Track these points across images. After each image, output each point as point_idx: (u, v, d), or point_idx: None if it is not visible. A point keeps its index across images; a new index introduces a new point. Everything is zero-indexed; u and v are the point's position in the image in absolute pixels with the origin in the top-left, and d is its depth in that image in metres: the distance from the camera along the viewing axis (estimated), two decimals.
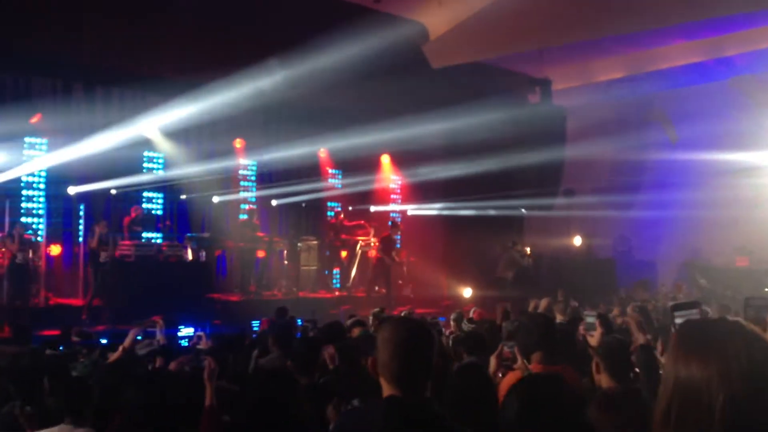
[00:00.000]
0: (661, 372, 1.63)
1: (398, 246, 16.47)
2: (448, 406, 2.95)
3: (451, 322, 8.23)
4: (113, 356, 4.11)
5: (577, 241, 17.66)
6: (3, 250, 11.47)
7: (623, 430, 2.46)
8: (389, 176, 18.06)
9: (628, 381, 3.69)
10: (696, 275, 16.04)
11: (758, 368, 1.50)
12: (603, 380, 3.75)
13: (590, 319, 5.42)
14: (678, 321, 2.28)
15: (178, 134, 13.82)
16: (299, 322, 9.69)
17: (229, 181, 15.58)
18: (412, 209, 17.98)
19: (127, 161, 13.60)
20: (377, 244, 15.40)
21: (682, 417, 1.53)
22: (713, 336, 1.57)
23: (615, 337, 4.04)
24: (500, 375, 4.19)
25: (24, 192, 13.05)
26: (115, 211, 13.62)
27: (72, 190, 13.07)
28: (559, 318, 7.58)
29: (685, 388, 1.54)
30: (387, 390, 2.15)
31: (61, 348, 6.79)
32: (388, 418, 2.10)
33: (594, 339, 4.90)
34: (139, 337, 6.24)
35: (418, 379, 2.15)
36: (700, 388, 1.51)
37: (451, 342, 6.25)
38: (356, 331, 6.38)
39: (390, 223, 15.91)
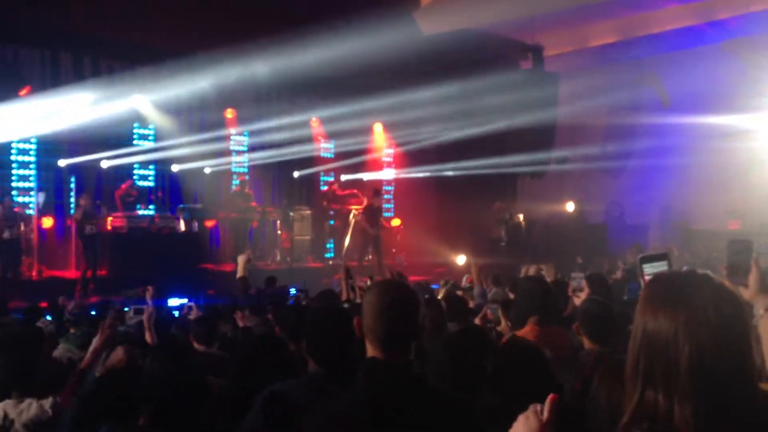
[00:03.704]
0: None
1: (386, 215, 16.46)
2: (438, 371, 2.98)
3: (441, 291, 8.22)
4: (99, 339, 4.04)
5: (570, 206, 17.68)
6: None
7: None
8: (382, 144, 18.00)
9: (608, 343, 3.71)
10: (689, 238, 16.10)
11: (725, 320, 1.53)
12: (585, 342, 3.79)
13: (575, 283, 5.48)
14: (646, 271, 2.27)
15: (168, 105, 13.72)
16: (292, 291, 9.72)
17: (221, 151, 15.51)
18: (405, 177, 17.95)
19: (117, 133, 13.54)
20: (360, 213, 15.32)
21: (649, 368, 1.56)
22: (681, 288, 1.59)
23: (594, 300, 4.06)
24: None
25: (14, 164, 12.98)
26: (106, 183, 13.59)
27: (63, 162, 13.01)
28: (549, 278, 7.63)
29: (652, 339, 1.57)
30: (370, 351, 2.19)
31: (49, 318, 6.82)
32: (367, 379, 2.13)
33: (579, 300, 4.94)
34: (126, 309, 6.28)
35: (402, 341, 2.18)
36: (667, 339, 1.54)
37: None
38: None
39: (374, 191, 15.72)
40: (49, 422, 3.51)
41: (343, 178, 17.20)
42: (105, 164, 13.48)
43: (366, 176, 17.53)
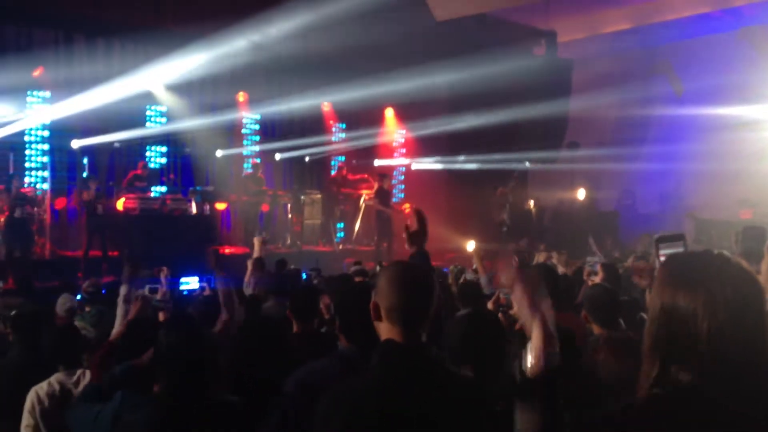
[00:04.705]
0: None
1: (395, 199, 16.45)
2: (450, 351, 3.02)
3: (450, 276, 8.16)
4: (133, 311, 4.27)
5: (581, 194, 17.64)
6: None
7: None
8: (393, 130, 17.99)
9: (616, 327, 3.77)
10: (702, 226, 16.04)
11: (743, 299, 1.54)
12: (594, 328, 3.84)
13: (590, 267, 5.51)
14: (662, 252, 2.27)
15: (180, 87, 13.76)
16: (303, 275, 9.76)
17: (233, 134, 15.54)
18: (417, 163, 17.95)
19: (129, 114, 13.58)
20: (373, 197, 15.27)
21: (669, 344, 1.58)
22: (699, 268, 1.61)
23: (599, 285, 4.10)
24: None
25: (28, 145, 13.06)
26: (119, 164, 13.66)
27: (75, 143, 13.07)
28: (561, 270, 7.63)
29: (672, 317, 1.58)
30: (385, 333, 2.19)
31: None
32: (384, 361, 2.14)
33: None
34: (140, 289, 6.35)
35: (419, 319, 2.18)
36: (686, 317, 1.55)
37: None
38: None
39: (379, 175, 15.59)
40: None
41: (354, 162, 17.21)
42: (117, 145, 13.53)
43: (377, 161, 17.52)
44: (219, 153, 15.04)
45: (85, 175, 12.61)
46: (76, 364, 3.97)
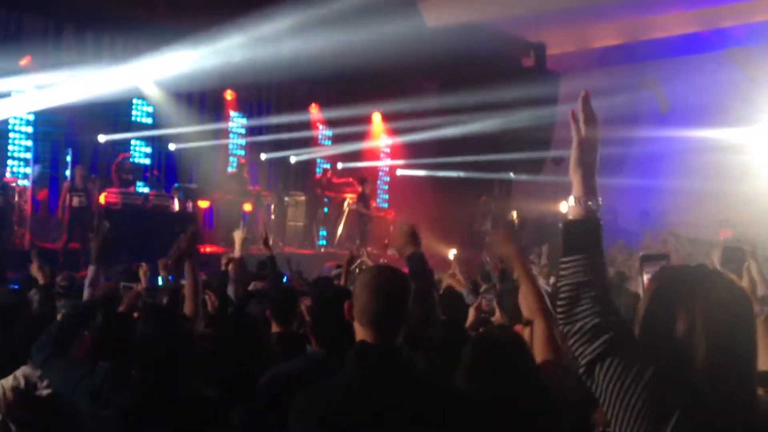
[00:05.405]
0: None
1: (384, 205, 16.46)
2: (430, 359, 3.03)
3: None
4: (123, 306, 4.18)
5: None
6: None
7: None
8: (380, 135, 18.00)
9: None
10: (682, 243, 16.14)
11: (739, 317, 1.55)
12: None
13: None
14: (647, 272, 2.28)
15: (168, 84, 13.70)
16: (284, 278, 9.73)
17: (219, 132, 15.49)
18: (402, 168, 17.97)
19: (116, 109, 13.52)
20: (355, 201, 15.30)
21: (663, 360, 1.57)
22: (696, 282, 1.60)
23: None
24: (481, 329, 4.27)
25: (11, 135, 12.95)
26: (102, 158, 13.57)
27: (60, 135, 12.98)
28: (542, 282, 7.62)
29: (666, 331, 1.57)
30: (360, 334, 2.23)
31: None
32: (359, 362, 2.18)
33: None
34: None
35: (393, 322, 2.23)
36: (682, 333, 1.55)
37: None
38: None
39: (359, 179, 15.66)
40: None
41: (340, 166, 17.20)
42: (102, 139, 13.46)
43: (362, 165, 17.52)
44: (204, 151, 14.96)
45: (68, 162, 12.52)
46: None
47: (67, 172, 12.79)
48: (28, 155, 12.97)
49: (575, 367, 1.71)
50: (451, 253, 15.03)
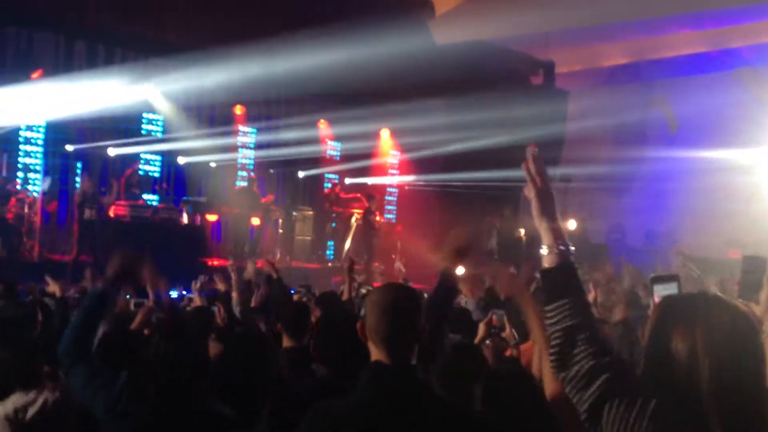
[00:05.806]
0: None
1: (392, 219, 16.46)
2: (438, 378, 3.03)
3: None
4: (137, 321, 4.17)
5: (572, 224, 17.67)
6: None
7: None
8: (388, 150, 18.04)
9: None
10: (688, 264, 16.06)
11: (741, 338, 1.56)
12: None
13: None
14: (658, 292, 2.30)
15: (178, 98, 13.78)
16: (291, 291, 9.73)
17: (228, 147, 15.54)
18: (410, 185, 17.99)
19: (126, 122, 13.59)
20: (361, 217, 15.35)
21: (667, 388, 1.58)
22: (697, 308, 1.62)
23: None
24: (488, 342, 4.26)
25: (22, 147, 13.02)
26: (112, 171, 13.63)
27: (70, 147, 13.05)
28: None
29: (668, 358, 1.59)
30: (375, 355, 2.21)
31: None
32: (372, 382, 2.16)
33: None
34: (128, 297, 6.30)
35: (405, 341, 2.20)
36: (684, 359, 1.56)
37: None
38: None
39: (366, 195, 15.76)
40: None
41: (348, 181, 17.24)
42: (112, 152, 13.52)
43: (370, 180, 17.56)
44: (213, 164, 15.02)
45: (78, 175, 12.59)
46: (33, 384, 3.61)
47: (77, 185, 12.85)
48: (39, 167, 13.02)
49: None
50: (459, 270, 14.98)
